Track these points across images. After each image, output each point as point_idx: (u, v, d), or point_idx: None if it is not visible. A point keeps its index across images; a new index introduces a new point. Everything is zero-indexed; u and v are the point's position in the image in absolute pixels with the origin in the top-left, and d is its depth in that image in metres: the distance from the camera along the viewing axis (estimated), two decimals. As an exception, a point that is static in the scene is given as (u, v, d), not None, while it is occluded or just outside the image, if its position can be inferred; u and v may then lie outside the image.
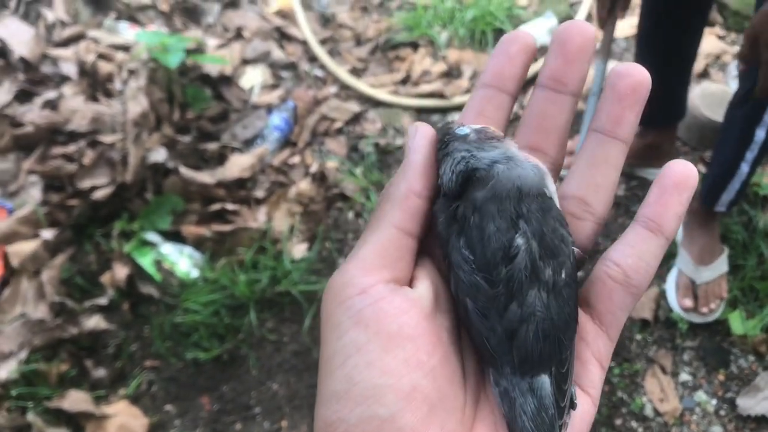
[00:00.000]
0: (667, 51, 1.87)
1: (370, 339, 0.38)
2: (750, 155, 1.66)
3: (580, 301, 0.43)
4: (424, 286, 0.42)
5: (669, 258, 2.00)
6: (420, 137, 0.43)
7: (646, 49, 1.92)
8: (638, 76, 0.42)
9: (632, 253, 0.42)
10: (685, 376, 1.87)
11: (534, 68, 2.31)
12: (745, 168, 1.69)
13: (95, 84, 2.36)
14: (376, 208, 0.43)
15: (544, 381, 0.39)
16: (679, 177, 0.41)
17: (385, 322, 0.39)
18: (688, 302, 1.89)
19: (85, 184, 2.09)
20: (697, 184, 0.42)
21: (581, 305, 0.43)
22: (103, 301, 2.01)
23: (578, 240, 0.43)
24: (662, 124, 2.05)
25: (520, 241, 0.39)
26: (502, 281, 0.39)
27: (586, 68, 0.43)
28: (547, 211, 0.40)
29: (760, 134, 1.62)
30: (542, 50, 2.53)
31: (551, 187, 0.42)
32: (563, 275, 0.39)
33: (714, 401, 1.83)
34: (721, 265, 1.90)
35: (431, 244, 0.44)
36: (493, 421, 0.41)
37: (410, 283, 0.42)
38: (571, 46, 0.43)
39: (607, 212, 0.45)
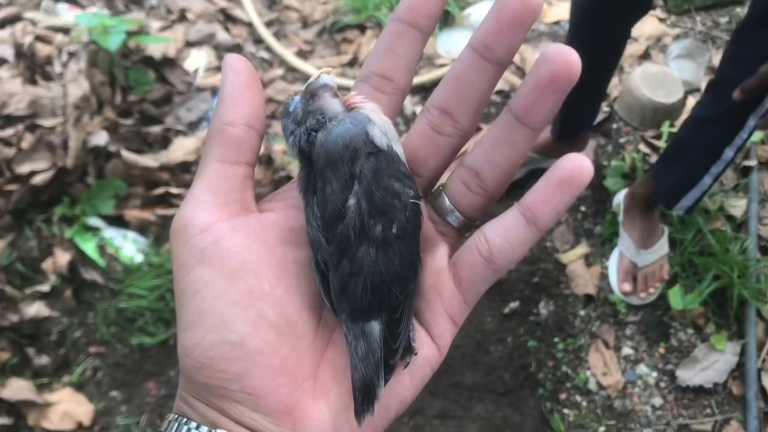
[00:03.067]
0: (599, 47, 1.83)
1: (215, 275, 0.42)
2: (715, 170, 1.68)
3: (451, 263, 0.46)
4: (279, 217, 0.45)
5: (612, 237, 2.04)
6: (228, 70, 0.44)
7: (578, 37, 1.89)
8: (563, 65, 0.39)
9: (502, 235, 0.44)
10: (627, 350, 1.91)
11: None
12: (708, 180, 1.71)
13: (33, 66, 2.30)
14: (203, 147, 0.45)
15: (374, 327, 0.43)
16: (567, 175, 0.41)
17: (227, 259, 0.42)
18: (628, 287, 1.92)
19: (24, 168, 2.04)
20: (587, 182, 0.41)
21: (451, 266, 0.46)
22: (44, 287, 1.97)
23: (465, 210, 0.45)
24: (578, 128, 2.07)
25: (351, 201, 0.42)
26: (336, 239, 0.42)
27: (518, 40, 0.41)
28: (380, 169, 0.42)
29: (728, 153, 1.63)
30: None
31: (376, 132, 0.43)
32: (394, 230, 0.42)
33: (655, 374, 1.88)
34: (662, 247, 1.94)
35: None
36: (346, 346, 0.45)
37: (261, 208, 0.46)
38: (508, 13, 0.40)
39: (501, 191, 0.45)
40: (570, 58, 0.39)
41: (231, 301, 0.42)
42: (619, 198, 2.04)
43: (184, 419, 0.43)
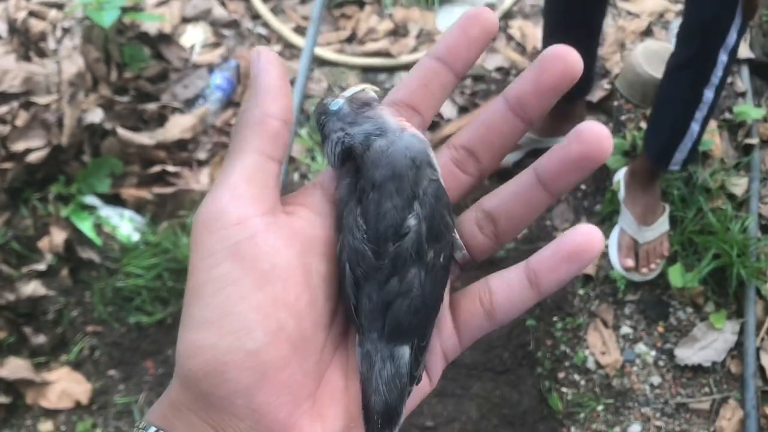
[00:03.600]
0: (575, 24, 1.86)
1: (245, 274, 0.39)
2: (700, 114, 1.68)
3: (452, 303, 0.46)
4: (304, 222, 0.43)
5: (612, 215, 2.03)
6: (264, 61, 0.42)
7: (554, 23, 1.91)
8: (596, 145, 0.40)
9: (506, 292, 0.44)
10: (626, 329, 1.91)
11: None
12: (695, 127, 1.71)
13: (27, 43, 2.27)
14: (235, 135, 0.43)
15: (405, 351, 0.42)
16: (577, 248, 0.41)
17: (260, 259, 0.39)
18: (630, 262, 1.92)
19: (19, 146, 2.02)
20: (597, 256, 0.41)
21: (452, 306, 0.46)
22: (41, 266, 1.96)
23: (472, 250, 0.46)
24: (576, 98, 2.06)
25: (412, 222, 0.41)
26: (389, 256, 0.41)
27: (552, 102, 0.43)
28: (439, 197, 0.42)
29: (708, 95, 1.64)
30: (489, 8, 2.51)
31: (433, 155, 0.43)
32: (441, 259, 0.42)
33: (653, 352, 1.88)
34: (662, 224, 1.93)
35: (327, 181, 0.45)
36: (345, 369, 0.44)
37: (284, 210, 0.43)
38: (548, 78, 0.41)
39: (510, 240, 0.46)
40: (603, 141, 0.40)
41: (255, 306, 0.39)
42: (619, 176, 2.03)
43: None
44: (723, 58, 1.58)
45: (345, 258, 0.42)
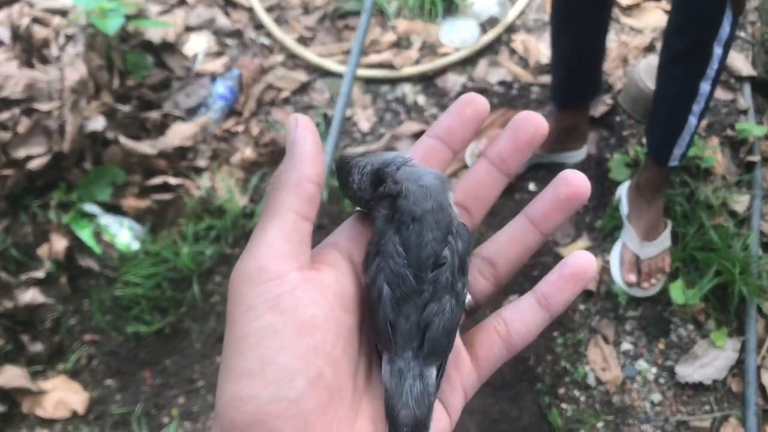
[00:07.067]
0: (581, 29, 1.87)
1: (286, 325, 0.40)
2: (697, 108, 1.68)
3: (465, 341, 0.50)
4: (331, 278, 0.45)
5: (614, 230, 2.03)
6: (302, 129, 0.45)
7: (560, 28, 1.92)
8: (581, 187, 0.47)
9: (520, 319, 0.49)
10: (626, 346, 1.90)
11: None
12: (693, 120, 1.71)
13: (30, 49, 2.26)
14: (269, 197, 0.45)
15: (433, 371, 0.45)
16: (578, 269, 0.47)
17: (300, 311, 0.41)
18: (633, 277, 1.91)
19: (20, 153, 2.01)
20: (593, 276, 0.48)
21: (466, 345, 0.50)
22: (39, 274, 1.95)
23: (475, 295, 0.51)
24: (579, 104, 2.06)
25: (447, 253, 0.45)
26: (430, 281, 0.45)
27: (527, 156, 0.49)
28: (468, 236, 0.47)
29: (705, 87, 1.64)
30: (492, 21, 2.52)
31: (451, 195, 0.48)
32: (465, 292, 0.47)
33: (654, 369, 1.87)
34: (664, 240, 1.93)
35: (343, 240, 0.49)
36: (372, 416, 0.45)
37: (313, 266, 0.46)
38: (523, 136, 0.48)
39: (508, 281, 0.51)
40: (585, 184, 0.47)
41: (297, 356, 0.40)
42: (621, 192, 2.03)
43: None
44: (718, 50, 1.58)
45: (383, 280, 0.45)
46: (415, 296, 0.45)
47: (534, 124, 0.48)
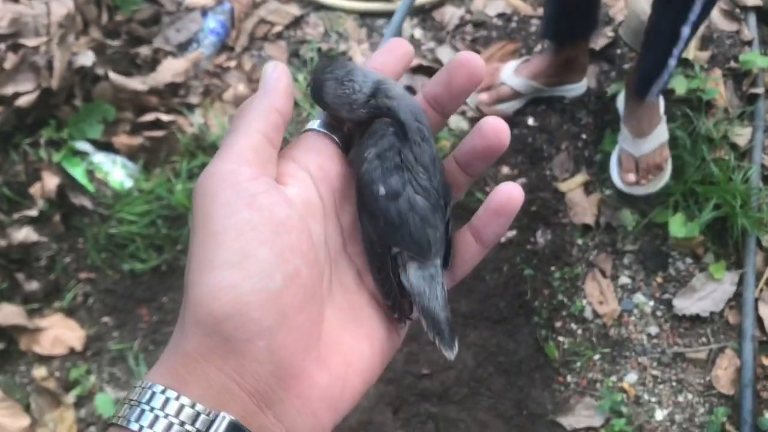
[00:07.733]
0: None
1: (263, 222, 0.41)
2: (676, 51, 1.70)
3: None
4: (297, 189, 0.46)
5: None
6: (279, 72, 0.47)
7: None
8: (470, 70, 0.48)
9: (457, 253, 0.51)
10: (624, 279, 1.90)
11: None
12: (672, 62, 1.73)
13: (15, -17, 2.20)
14: (238, 117, 0.46)
15: (445, 280, 0.51)
16: (500, 204, 0.49)
17: (276, 209, 0.42)
18: (632, 177, 1.89)
19: (8, 89, 1.97)
20: (518, 208, 0.48)
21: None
22: (32, 212, 1.93)
23: None
24: (578, 37, 2.01)
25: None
26: (441, 197, 0.50)
27: (463, 100, 0.51)
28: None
29: (685, 31, 1.66)
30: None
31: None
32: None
33: (651, 302, 1.87)
34: (659, 134, 1.90)
35: (300, 153, 0.49)
36: (336, 323, 0.47)
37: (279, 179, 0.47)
38: (458, 82, 0.49)
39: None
40: (502, 132, 0.48)
41: (275, 251, 0.41)
42: (620, 101, 2.01)
43: (191, 401, 0.40)
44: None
45: (413, 192, 0.48)
46: (439, 210, 0.49)
47: (468, 70, 0.48)
